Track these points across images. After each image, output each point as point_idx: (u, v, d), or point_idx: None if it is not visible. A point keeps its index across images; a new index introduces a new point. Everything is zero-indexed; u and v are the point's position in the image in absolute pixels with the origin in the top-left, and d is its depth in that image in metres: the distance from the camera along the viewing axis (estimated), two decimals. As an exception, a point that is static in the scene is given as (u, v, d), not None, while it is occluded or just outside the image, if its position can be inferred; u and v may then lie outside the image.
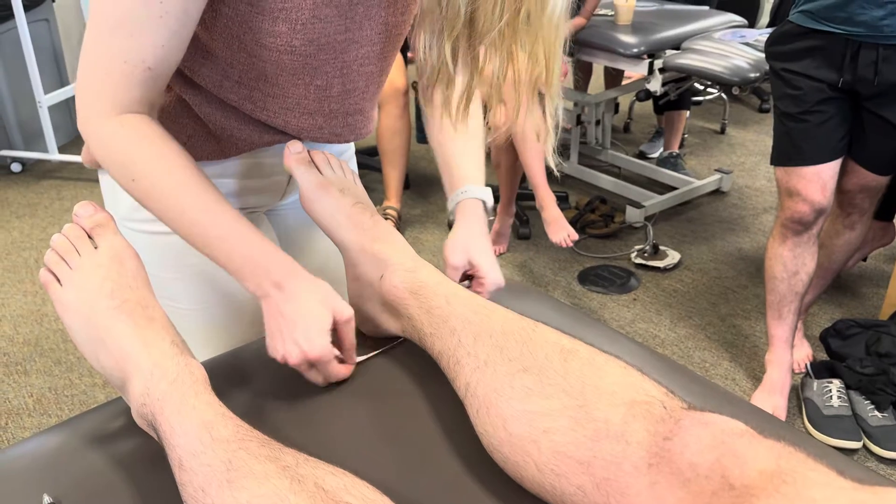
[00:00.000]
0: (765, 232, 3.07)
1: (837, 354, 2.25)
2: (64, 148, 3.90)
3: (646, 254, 2.88)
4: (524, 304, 1.00)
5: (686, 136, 3.90)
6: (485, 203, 1.05)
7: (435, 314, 0.85)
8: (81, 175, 3.73)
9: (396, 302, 0.90)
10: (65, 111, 3.95)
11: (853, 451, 1.95)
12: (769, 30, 2.74)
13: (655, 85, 2.92)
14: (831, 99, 1.87)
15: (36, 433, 0.86)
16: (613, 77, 3.80)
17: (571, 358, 0.73)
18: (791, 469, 0.57)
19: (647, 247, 2.88)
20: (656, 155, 3.72)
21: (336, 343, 0.87)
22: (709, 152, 3.85)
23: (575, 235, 2.61)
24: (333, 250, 1.00)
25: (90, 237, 0.86)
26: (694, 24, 3.03)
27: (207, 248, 0.86)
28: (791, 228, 1.98)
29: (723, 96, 4.21)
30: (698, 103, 4.22)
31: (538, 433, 0.69)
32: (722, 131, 4.08)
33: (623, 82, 3.80)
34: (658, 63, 2.87)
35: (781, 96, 1.94)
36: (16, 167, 3.77)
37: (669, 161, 3.50)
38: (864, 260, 2.78)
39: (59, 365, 2.37)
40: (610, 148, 3.61)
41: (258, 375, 0.92)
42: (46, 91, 3.66)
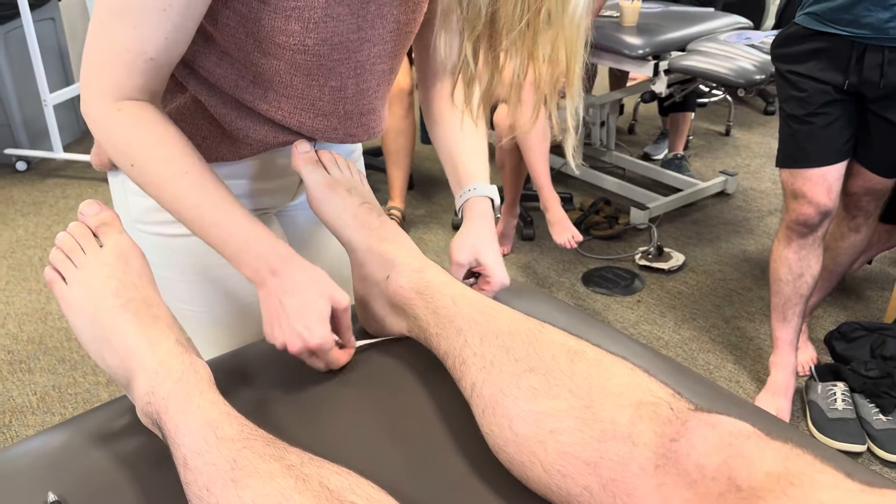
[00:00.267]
0: (769, 234, 3.07)
1: (842, 357, 2.25)
2: (69, 146, 3.91)
3: (650, 255, 2.87)
4: (528, 305, 1.00)
5: (691, 138, 3.90)
6: (493, 201, 1.05)
7: (441, 314, 0.85)
8: (86, 174, 3.74)
9: (403, 302, 0.90)
10: (70, 110, 3.96)
11: (857, 455, 1.95)
12: (774, 32, 2.74)
13: (660, 86, 2.91)
14: (837, 101, 1.86)
15: (40, 431, 0.86)
16: (618, 78, 3.80)
17: (578, 359, 0.73)
18: (798, 471, 0.57)
19: (652, 248, 2.88)
20: (661, 156, 3.72)
21: (335, 329, 0.88)
22: (714, 154, 3.85)
23: (579, 237, 2.61)
24: (342, 251, 1.01)
25: (95, 236, 0.86)
26: (699, 26, 3.02)
27: (204, 234, 0.87)
28: (796, 231, 1.97)
29: (728, 98, 4.20)
30: (703, 105, 4.21)
31: (544, 433, 0.69)
32: (727, 133, 4.08)
33: (628, 84, 3.80)
34: (663, 65, 2.87)
35: (787, 98, 1.94)
36: (21, 165, 3.78)
37: (674, 163, 3.50)
38: (870, 263, 2.78)
39: (64, 363, 2.38)
40: (614, 149, 3.60)
41: (263, 374, 0.92)
42: (52, 90, 3.67)
